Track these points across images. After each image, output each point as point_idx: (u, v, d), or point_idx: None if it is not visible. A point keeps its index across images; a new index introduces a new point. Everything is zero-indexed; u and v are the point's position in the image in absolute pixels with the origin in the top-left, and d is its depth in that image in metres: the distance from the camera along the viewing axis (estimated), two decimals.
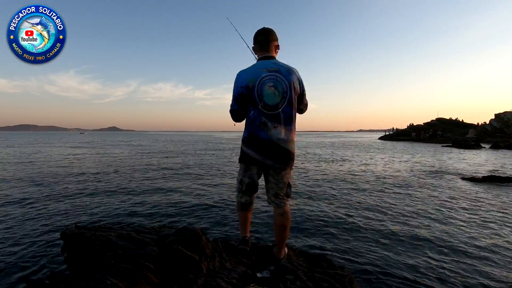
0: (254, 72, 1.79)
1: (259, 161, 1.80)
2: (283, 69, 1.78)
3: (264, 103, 1.75)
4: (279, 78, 1.76)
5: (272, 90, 1.74)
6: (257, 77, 1.77)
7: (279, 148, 1.76)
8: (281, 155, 1.78)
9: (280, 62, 1.84)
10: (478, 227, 4.53)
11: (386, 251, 3.59)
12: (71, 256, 1.86)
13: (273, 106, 1.75)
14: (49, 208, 5.40)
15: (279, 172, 1.84)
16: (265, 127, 1.75)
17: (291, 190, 1.92)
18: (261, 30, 1.88)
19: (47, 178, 8.90)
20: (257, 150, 1.78)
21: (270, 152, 1.77)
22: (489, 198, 6.62)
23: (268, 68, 1.78)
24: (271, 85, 1.74)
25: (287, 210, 1.91)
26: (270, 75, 1.76)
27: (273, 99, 1.74)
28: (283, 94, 1.75)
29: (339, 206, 5.81)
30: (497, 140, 32.42)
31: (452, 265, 3.23)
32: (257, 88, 1.75)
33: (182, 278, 1.59)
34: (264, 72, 1.77)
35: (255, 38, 1.88)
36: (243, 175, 1.91)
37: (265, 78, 1.76)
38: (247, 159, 1.83)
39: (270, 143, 1.75)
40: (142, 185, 7.90)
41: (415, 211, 5.47)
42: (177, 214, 5.22)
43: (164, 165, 13.08)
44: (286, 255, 2.05)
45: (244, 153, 1.84)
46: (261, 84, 1.75)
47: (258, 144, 1.77)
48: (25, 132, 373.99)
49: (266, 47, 1.85)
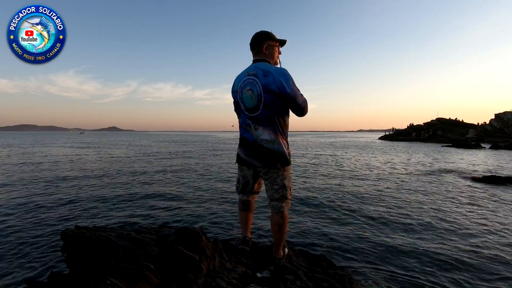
0: (239, 77, 1.90)
1: (248, 162, 1.88)
2: (260, 72, 1.78)
3: (245, 106, 1.85)
4: (255, 81, 1.79)
5: (249, 94, 1.80)
6: (240, 81, 1.87)
7: (263, 149, 1.80)
8: (266, 155, 1.80)
9: (264, 64, 1.82)
10: (478, 228, 4.53)
11: (386, 251, 3.59)
12: (71, 256, 1.86)
13: (252, 109, 1.81)
14: (49, 208, 5.40)
15: (270, 174, 1.85)
16: (250, 129, 1.84)
17: (287, 192, 1.89)
18: (255, 34, 1.91)
19: (47, 178, 8.90)
20: (244, 151, 1.89)
21: (255, 153, 1.83)
22: (489, 198, 6.62)
23: (249, 72, 1.84)
24: (249, 88, 1.81)
25: (284, 210, 1.91)
26: (249, 78, 1.82)
27: (250, 102, 1.81)
28: (258, 97, 1.78)
29: (339, 206, 5.81)
30: (497, 140, 32.41)
31: (452, 265, 3.23)
32: (239, 92, 1.87)
33: (182, 278, 1.59)
34: (245, 77, 1.84)
35: (250, 41, 1.93)
36: (239, 174, 2.03)
37: (245, 81, 1.83)
38: (238, 159, 1.95)
39: (254, 144, 1.83)
40: (142, 185, 7.90)
41: (415, 211, 5.47)
42: (177, 214, 5.22)
43: (164, 165, 13.09)
44: (285, 255, 2.05)
45: (237, 153, 1.96)
46: (241, 88, 1.85)
47: (245, 145, 1.88)
48: (25, 132, 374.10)
49: (255, 50, 1.90)
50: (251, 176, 1.96)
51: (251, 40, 1.90)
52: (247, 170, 1.94)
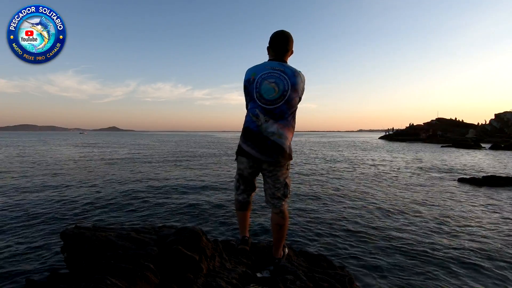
0: (258, 68, 1.85)
1: (249, 154, 1.82)
2: (289, 71, 1.81)
3: (261, 95, 1.79)
4: (282, 77, 1.79)
5: (272, 86, 1.78)
6: (260, 72, 1.82)
7: (267, 141, 1.77)
8: (270, 148, 1.77)
9: (290, 66, 1.86)
10: (478, 227, 4.53)
11: (387, 250, 3.59)
12: (71, 256, 1.86)
13: (269, 101, 1.78)
14: (49, 208, 5.40)
15: (274, 171, 1.83)
16: (257, 120, 1.79)
17: (288, 190, 1.90)
18: (281, 35, 1.85)
19: (47, 178, 8.90)
20: (247, 141, 1.82)
21: (258, 144, 1.78)
22: (489, 198, 6.62)
23: (273, 67, 1.82)
24: (273, 81, 1.78)
25: (284, 210, 1.90)
26: (274, 72, 1.80)
27: (271, 94, 1.78)
28: (283, 92, 1.78)
29: (339, 206, 5.81)
30: (497, 140, 32.42)
31: (452, 265, 3.23)
32: (257, 82, 1.81)
33: (182, 278, 1.59)
34: (267, 69, 1.81)
35: (273, 41, 1.86)
36: (238, 171, 1.95)
37: (267, 74, 1.80)
38: (240, 150, 1.88)
39: (259, 134, 1.78)
40: (142, 185, 7.90)
41: (414, 212, 5.47)
42: (177, 214, 5.22)
43: (164, 165, 13.09)
44: (285, 255, 2.04)
45: (239, 145, 1.89)
46: (262, 78, 1.80)
47: (249, 136, 1.81)
48: (25, 132, 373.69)
49: (284, 50, 1.86)
50: (248, 169, 1.88)
51: (285, 39, 1.85)
52: (246, 162, 1.87)
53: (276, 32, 1.87)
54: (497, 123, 43.60)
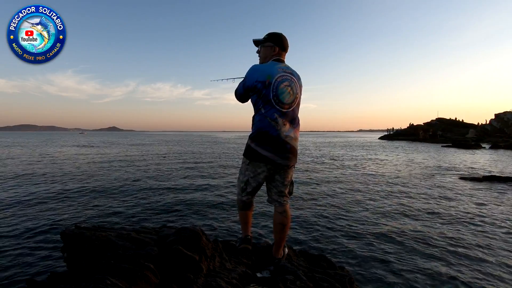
0: (271, 70, 1.84)
1: (268, 159, 1.79)
2: (295, 74, 1.90)
3: (279, 100, 1.80)
4: (293, 80, 1.85)
5: (288, 90, 1.82)
6: (274, 75, 1.82)
7: (286, 145, 1.80)
8: (289, 151, 1.81)
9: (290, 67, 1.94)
10: (479, 227, 4.53)
11: (386, 251, 3.59)
12: (71, 256, 1.86)
13: (287, 105, 1.82)
14: (49, 208, 5.40)
15: (286, 170, 1.87)
16: (276, 124, 1.79)
17: (293, 187, 1.96)
18: (285, 37, 1.97)
19: (47, 178, 8.90)
20: (265, 146, 1.79)
21: (278, 149, 1.79)
22: (489, 197, 6.62)
23: (284, 69, 1.86)
24: (288, 84, 1.82)
25: (287, 209, 1.92)
26: (286, 75, 1.84)
27: (288, 97, 1.82)
28: (295, 95, 1.84)
29: (339, 206, 5.81)
30: (497, 140, 32.42)
31: (452, 265, 3.23)
32: (274, 86, 1.80)
33: (182, 278, 1.59)
34: (280, 72, 1.84)
35: (283, 43, 1.94)
36: (250, 175, 1.88)
37: (282, 77, 1.82)
38: (255, 156, 1.81)
39: (278, 139, 1.78)
40: (142, 185, 7.90)
41: (414, 212, 5.47)
42: (177, 214, 5.22)
43: (165, 165, 13.09)
44: (285, 255, 2.04)
45: (253, 149, 1.82)
46: (278, 82, 1.81)
47: (268, 141, 1.79)
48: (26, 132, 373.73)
49: (285, 52, 1.97)
50: (264, 174, 1.85)
51: (286, 42, 1.96)
52: (264, 167, 1.82)
53: (280, 34, 1.95)
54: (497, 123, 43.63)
